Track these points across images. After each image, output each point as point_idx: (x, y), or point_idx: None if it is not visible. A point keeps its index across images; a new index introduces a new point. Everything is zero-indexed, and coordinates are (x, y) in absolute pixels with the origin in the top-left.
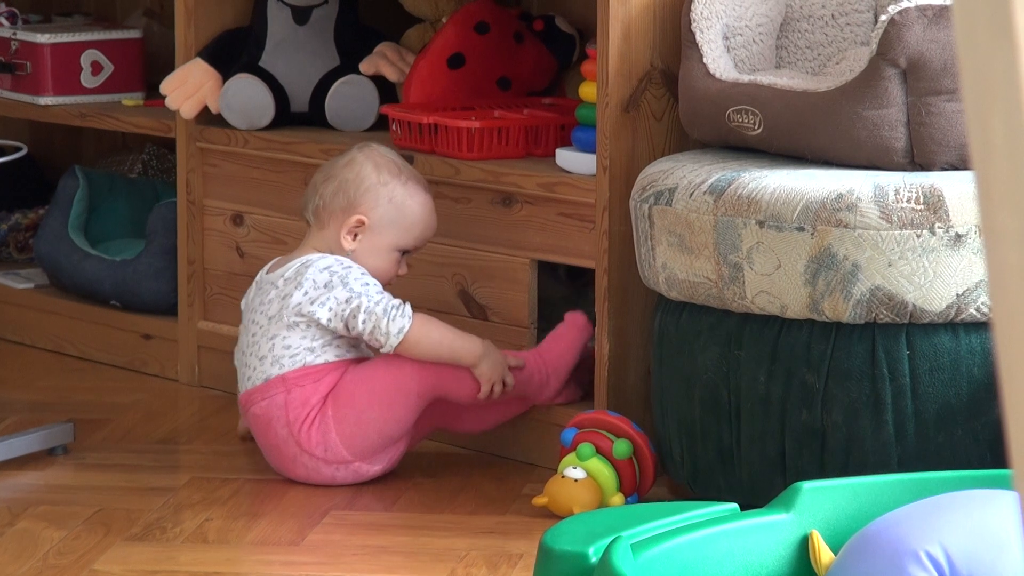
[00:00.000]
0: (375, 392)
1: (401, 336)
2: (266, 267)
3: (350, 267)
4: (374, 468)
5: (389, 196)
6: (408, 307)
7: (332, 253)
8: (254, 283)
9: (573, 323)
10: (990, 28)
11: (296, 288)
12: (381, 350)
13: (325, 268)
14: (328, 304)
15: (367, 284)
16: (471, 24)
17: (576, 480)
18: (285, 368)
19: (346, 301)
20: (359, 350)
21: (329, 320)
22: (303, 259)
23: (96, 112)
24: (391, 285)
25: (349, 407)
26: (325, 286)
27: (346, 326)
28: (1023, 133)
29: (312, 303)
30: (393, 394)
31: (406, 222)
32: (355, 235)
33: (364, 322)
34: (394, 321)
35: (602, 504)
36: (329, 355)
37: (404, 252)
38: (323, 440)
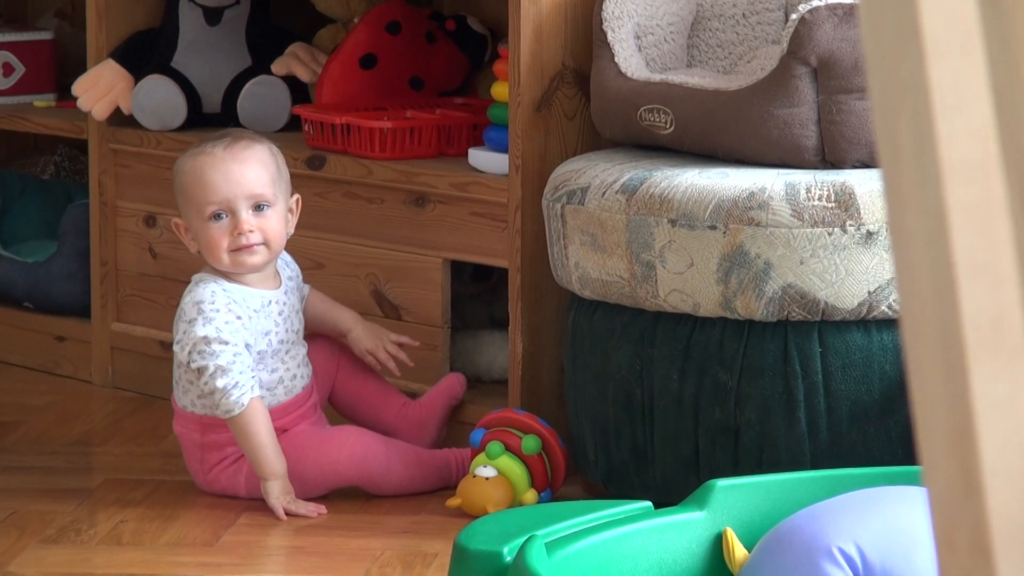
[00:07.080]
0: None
1: (228, 416)
2: None
3: (217, 310)
4: None
5: (176, 189)
6: (245, 396)
7: (207, 268)
8: None
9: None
10: (897, 30)
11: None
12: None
13: (195, 303)
14: (184, 343)
15: (225, 343)
16: (383, 24)
17: (487, 479)
18: (198, 408)
19: (193, 348)
20: (273, 394)
21: (180, 362)
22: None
23: (7, 114)
24: (248, 255)
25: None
26: (188, 321)
27: (188, 368)
28: (930, 135)
29: (176, 334)
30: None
31: (184, 195)
32: (190, 239)
33: (205, 383)
34: (223, 400)
35: (515, 501)
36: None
37: (219, 216)
38: (231, 483)
